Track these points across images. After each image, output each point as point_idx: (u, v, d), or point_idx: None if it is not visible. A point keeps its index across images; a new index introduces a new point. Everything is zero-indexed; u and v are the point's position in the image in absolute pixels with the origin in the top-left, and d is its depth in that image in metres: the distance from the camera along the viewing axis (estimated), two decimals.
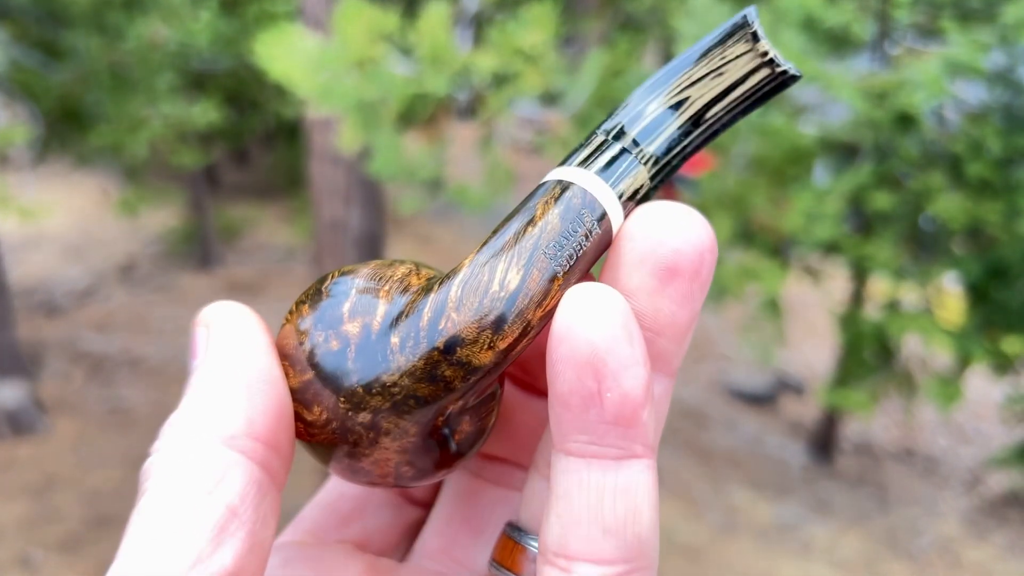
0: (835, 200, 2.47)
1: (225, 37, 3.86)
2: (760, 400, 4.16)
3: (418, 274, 0.24)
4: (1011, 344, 2.65)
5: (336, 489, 0.27)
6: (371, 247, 3.20)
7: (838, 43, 2.69)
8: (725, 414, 3.99)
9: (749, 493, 3.29)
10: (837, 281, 3.19)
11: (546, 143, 2.36)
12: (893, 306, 2.79)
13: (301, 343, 0.23)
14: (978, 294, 2.67)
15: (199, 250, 5.16)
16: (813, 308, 4.34)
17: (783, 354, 3.77)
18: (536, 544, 0.23)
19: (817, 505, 3.28)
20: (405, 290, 0.23)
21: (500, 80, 1.96)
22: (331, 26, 2.00)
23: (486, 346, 0.21)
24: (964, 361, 2.69)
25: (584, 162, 0.24)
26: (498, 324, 0.21)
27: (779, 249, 2.77)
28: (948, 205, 2.40)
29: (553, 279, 0.22)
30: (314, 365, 0.22)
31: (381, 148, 1.94)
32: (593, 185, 0.23)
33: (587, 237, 0.22)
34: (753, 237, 2.68)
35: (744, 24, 0.24)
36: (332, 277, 0.24)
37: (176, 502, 0.19)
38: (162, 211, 5.33)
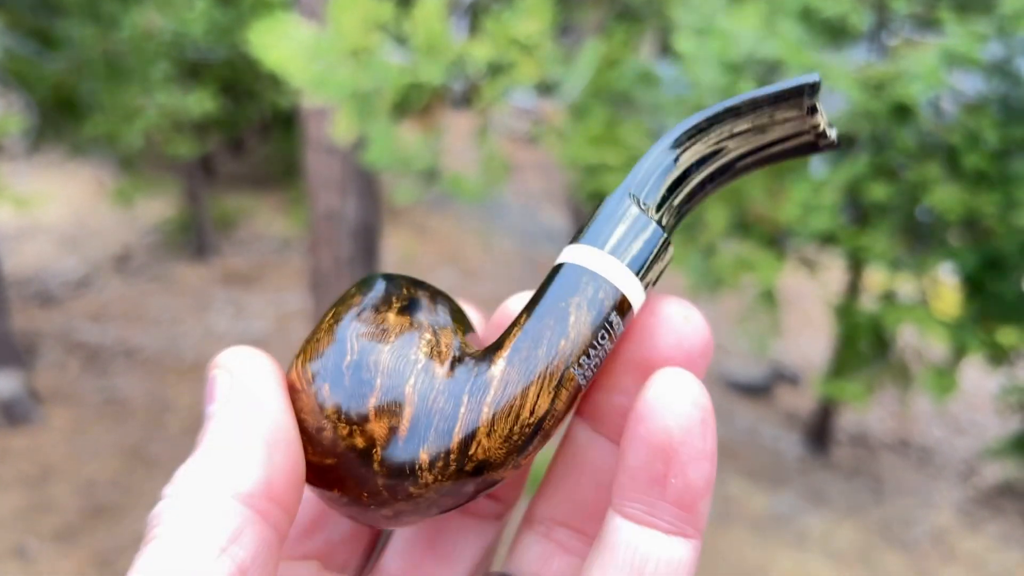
0: (831, 191, 2.47)
1: (220, 26, 3.85)
2: (756, 391, 4.16)
3: (439, 348, 0.22)
4: (1006, 335, 2.65)
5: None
6: (367, 238, 3.19)
7: (835, 33, 2.69)
8: (720, 405, 4.00)
9: (744, 484, 3.29)
10: (833, 272, 3.19)
11: (542, 133, 2.35)
12: (889, 297, 2.79)
13: (321, 427, 0.22)
14: (974, 285, 2.67)
15: (195, 240, 5.15)
16: (809, 299, 4.35)
17: (779, 345, 3.78)
18: None
19: (812, 496, 3.29)
20: (431, 381, 0.22)
21: (495, 70, 1.96)
22: (326, 15, 1.99)
23: (511, 466, 0.22)
24: (959, 352, 2.69)
25: (618, 247, 0.23)
26: (525, 447, 0.22)
27: (775, 240, 2.77)
28: (944, 196, 2.39)
29: (578, 392, 0.22)
30: (338, 455, 0.22)
31: (376, 138, 1.93)
32: (626, 282, 0.22)
33: (612, 340, 0.22)
34: (749, 228, 2.68)
35: (805, 93, 0.22)
36: (339, 333, 0.22)
37: (189, 556, 0.18)
38: (157, 201, 5.31)
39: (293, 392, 0.22)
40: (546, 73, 1.99)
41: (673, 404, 0.21)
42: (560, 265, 0.23)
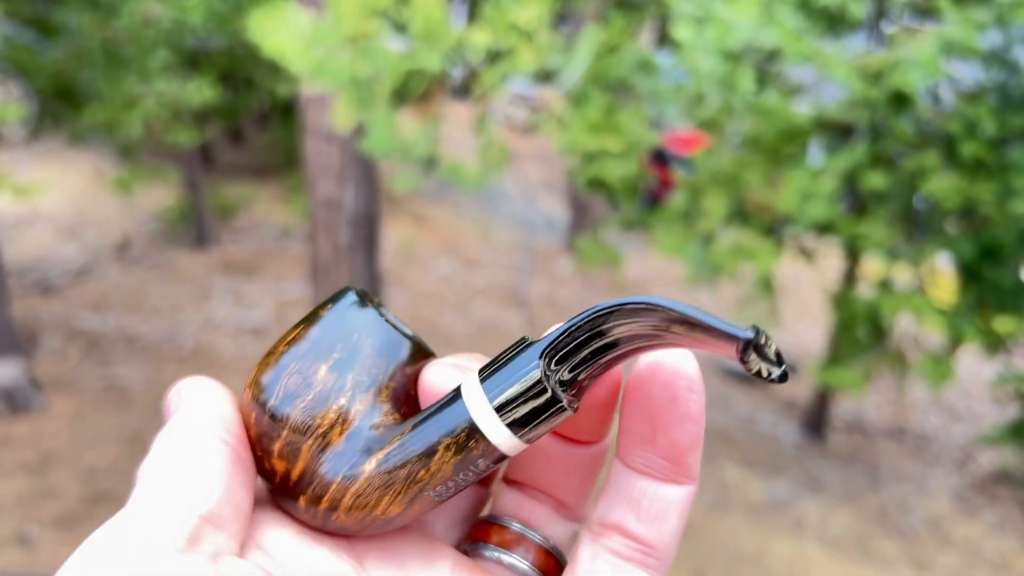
0: (829, 179, 2.47)
1: (219, 14, 3.84)
2: (753, 378, 4.17)
3: (345, 416, 0.26)
4: (1003, 324, 2.66)
5: None
6: (366, 226, 3.20)
7: (834, 21, 2.69)
8: (718, 392, 4.01)
9: (742, 470, 3.31)
10: (830, 260, 3.20)
11: (541, 121, 2.36)
12: (886, 285, 2.80)
13: (251, 431, 0.27)
14: (971, 274, 2.68)
15: (194, 229, 5.15)
16: (807, 288, 4.36)
17: (776, 333, 3.79)
18: (515, 524, 0.27)
19: (809, 482, 3.31)
20: (324, 448, 0.26)
21: (494, 56, 1.96)
22: (324, 2, 1.99)
23: (367, 534, 0.26)
24: (956, 340, 2.71)
25: (507, 405, 0.23)
26: (379, 530, 0.26)
27: (773, 228, 2.78)
28: (942, 185, 2.40)
29: (433, 505, 0.26)
30: (260, 465, 0.27)
31: (375, 125, 1.93)
32: (504, 440, 0.24)
33: (478, 474, 0.25)
34: (747, 216, 2.69)
35: (736, 347, 0.21)
36: (281, 364, 0.26)
37: (176, 464, 0.23)
38: (157, 190, 5.32)
39: (245, 398, 0.27)
40: (545, 60, 1.99)
41: (659, 375, 0.23)
42: (457, 394, 0.25)
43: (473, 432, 0.24)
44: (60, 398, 3.35)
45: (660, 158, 4.82)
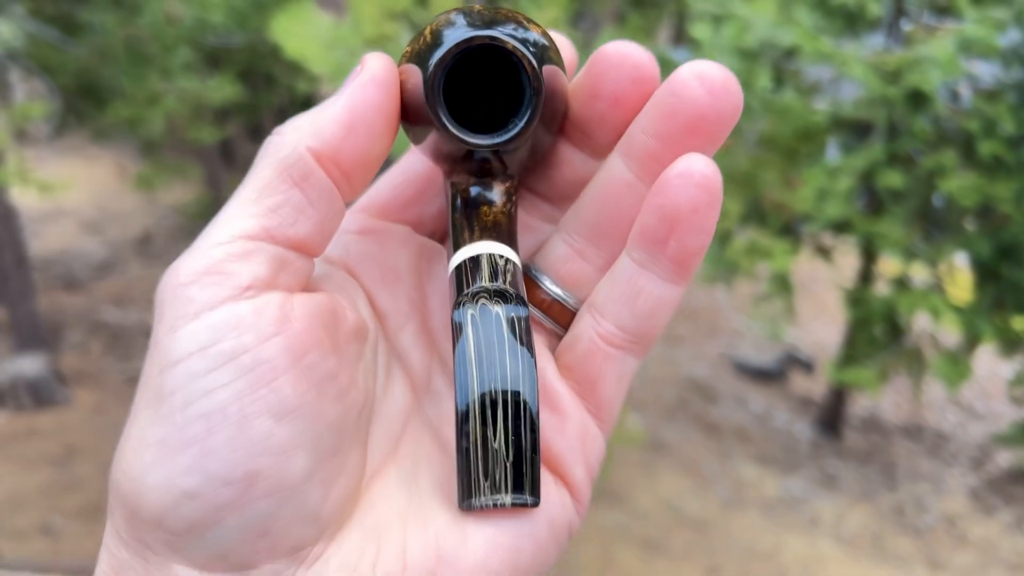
0: (846, 178, 2.48)
1: (240, 12, 3.88)
2: (769, 376, 4.18)
3: None
4: (1021, 322, 2.66)
5: (402, 175, 0.31)
6: None
7: (852, 20, 2.69)
8: (734, 389, 4.01)
9: (757, 468, 3.32)
10: (847, 259, 3.19)
11: None
12: (903, 284, 2.80)
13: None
14: (988, 273, 2.68)
15: None
16: (823, 286, 4.35)
17: (793, 331, 3.79)
18: (547, 282, 0.29)
19: (824, 480, 3.31)
20: None
21: None
22: (345, 4, 2.01)
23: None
24: (973, 339, 2.70)
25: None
26: None
27: (790, 227, 2.78)
28: (960, 183, 2.40)
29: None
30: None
31: None
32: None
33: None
34: (764, 215, 2.69)
35: None
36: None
37: (270, 177, 0.24)
38: (178, 186, 5.37)
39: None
40: None
41: (687, 185, 0.24)
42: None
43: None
44: (83, 391, 3.40)
45: None
